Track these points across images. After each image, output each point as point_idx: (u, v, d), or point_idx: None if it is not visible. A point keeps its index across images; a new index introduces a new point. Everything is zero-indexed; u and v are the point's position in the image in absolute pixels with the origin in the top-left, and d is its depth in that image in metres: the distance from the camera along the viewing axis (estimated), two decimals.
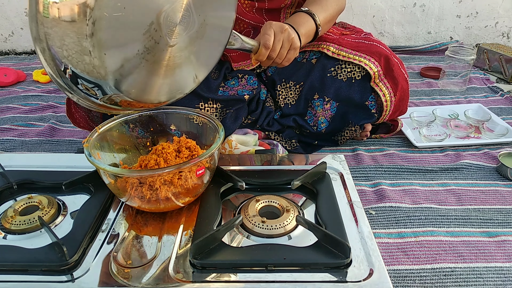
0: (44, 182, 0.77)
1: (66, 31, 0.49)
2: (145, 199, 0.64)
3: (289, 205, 0.67)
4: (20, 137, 1.15)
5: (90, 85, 0.56)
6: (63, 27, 0.49)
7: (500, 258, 0.72)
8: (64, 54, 0.51)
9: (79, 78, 0.55)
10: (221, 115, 0.98)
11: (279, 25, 0.82)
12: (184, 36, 0.61)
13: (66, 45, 0.50)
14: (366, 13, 1.90)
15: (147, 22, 0.55)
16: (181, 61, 0.63)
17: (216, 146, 0.66)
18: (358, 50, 0.98)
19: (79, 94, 0.59)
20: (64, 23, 0.48)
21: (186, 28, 0.61)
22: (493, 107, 1.32)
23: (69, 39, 0.50)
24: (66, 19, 0.48)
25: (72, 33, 0.49)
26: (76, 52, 0.51)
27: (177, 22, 0.58)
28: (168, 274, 0.56)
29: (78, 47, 0.50)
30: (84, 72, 0.54)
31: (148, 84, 0.60)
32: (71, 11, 0.48)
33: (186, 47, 0.63)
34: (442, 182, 0.94)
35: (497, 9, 1.88)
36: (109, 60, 0.52)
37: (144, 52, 0.56)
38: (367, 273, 0.56)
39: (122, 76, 0.55)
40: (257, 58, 0.82)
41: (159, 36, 0.57)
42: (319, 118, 1.03)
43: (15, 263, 0.58)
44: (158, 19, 0.56)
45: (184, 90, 0.68)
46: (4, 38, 1.95)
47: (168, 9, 0.56)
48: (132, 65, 0.56)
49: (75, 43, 0.50)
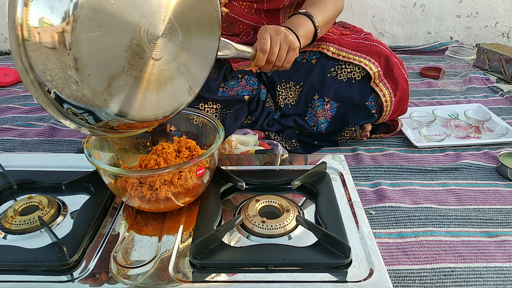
0: (44, 182, 0.77)
1: (46, 55, 0.48)
2: (145, 199, 0.64)
3: (289, 205, 0.67)
4: (20, 137, 1.15)
5: (80, 111, 0.55)
6: (44, 51, 0.48)
7: (500, 258, 0.72)
8: (48, 78, 0.50)
9: (66, 103, 0.53)
10: (221, 116, 0.98)
11: (274, 28, 0.81)
12: (170, 48, 0.60)
13: (48, 70, 0.50)
14: (366, 13, 1.90)
15: (127, 39, 0.53)
16: (171, 74, 0.62)
17: (216, 146, 0.66)
18: (358, 50, 0.98)
19: (76, 121, 0.58)
20: (44, 48, 0.48)
21: (170, 40, 0.59)
22: (493, 107, 1.32)
23: (50, 63, 0.49)
24: (46, 45, 0.48)
25: (53, 55, 0.48)
26: (60, 78, 0.50)
27: (159, 35, 0.57)
28: (168, 274, 0.56)
29: (62, 72, 0.49)
30: (71, 98, 0.52)
31: (142, 101, 0.59)
32: (50, 36, 0.47)
33: (174, 59, 0.61)
34: (442, 182, 0.94)
35: (497, 9, 1.88)
36: (94, 80, 0.51)
37: (130, 68, 0.55)
38: (367, 273, 0.56)
39: (111, 95, 0.54)
40: (256, 64, 0.82)
41: (142, 51, 0.56)
42: (319, 118, 1.03)
43: (15, 263, 0.58)
44: (138, 34, 0.54)
45: (180, 103, 0.67)
46: (4, 38, 1.95)
47: (146, 23, 0.55)
48: (119, 83, 0.54)
49: (56, 65, 0.49)
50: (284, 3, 1.00)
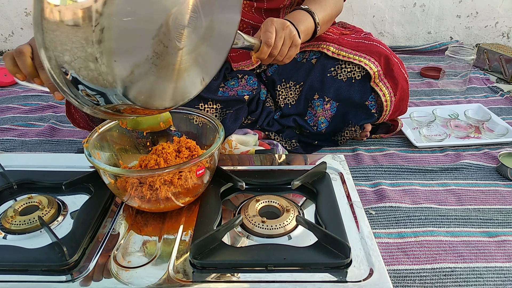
0: (44, 182, 0.77)
1: (69, 36, 0.47)
2: (145, 199, 0.64)
3: (289, 205, 0.67)
4: (20, 137, 1.15)
5: (92, 92, 0.53)
6: (66, 32, 0.46)
7: (500, 258, 0.72)
8: (66, 59, 0.50)
9: (80, 84, 0.52)
10: (221, 116, 0.98)
11: (281, 22, 0.80)
12: (193, 38, 0.59)
13: (69, 51, 0.48)
14: (366, 13, 1.90)
15: (156, 26, 0.53)
16: (189, 64, 0.61)
17: (216, 146, 0.66)
18: (358, 50, 0.98)
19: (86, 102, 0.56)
20: (67, 28, 0.46)
21: (194, 30, 0.59)
22: (493, 107, 1.32)
23: (72, 44, 0.47)
24: (69, 23, 0.46)
25: (77, 39, 0.47)
26: (79, 58, 0.49)
27: (185, 24, 0.57)
28: (168, 274, 0.56)
29: (82, 53, 0.48)
30: (87, 79, 0.51)
31: (157, 89, 0.59)
32: (75, 15, 0.45)
33: (194, 50, 0.61)
34: (442, 182, 0.94)
35: (497, 9, 1.88)
36: (119, 67, 0.50)
37: (154, 57, 0.54)
38: (367, 273, 0.56)
39: (131, 83, 0.53)
40: (259, 56, 0.80)
41: (168, 40, 0.55)
42: (319, 118, 1.03)
43: (15, 263, 0.58)
44: (167, 22, 0.54)
45: (191, 93, 0.66)
46: (4, 38, 1.95)
47: (176, 11, 0.54)
48: (141, 71, 0.54)
49: (79, 49, 0.48)
50: (284, 3, 1.00)
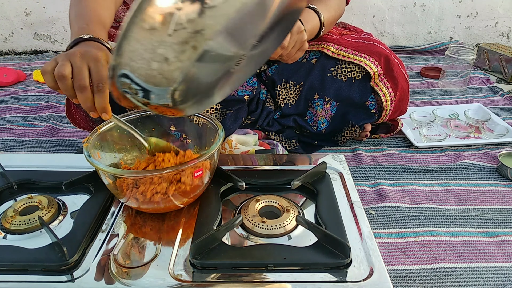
0: (44, 182, 0.77)
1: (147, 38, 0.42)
2: (144, 199, 0.64)
3: (289, 205, 0.67)
4: (20, 137, 1.15)
5: (138, 88, 0.49)
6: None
7: (500, 258, 0.72)
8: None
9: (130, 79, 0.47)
10: (221, 116, 0.98)
11: (297, 25, 0.80)
12: (246, 61, 0.55)
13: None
14: (366, 13, 1.90)
15: (234, 52, 0.47)
16: (231, 80, 0.58)
17: (216, 146, 0.66)
18: (358, 50, 0.98)
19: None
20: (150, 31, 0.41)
21: (251, 55, 0.55)
22: (493, 107, 1.32)
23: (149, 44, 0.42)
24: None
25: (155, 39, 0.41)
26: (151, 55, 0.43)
27: (247, 52, 0.53)
28: (168, 274, 0.56)
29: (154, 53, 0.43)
30: (141, 77, 0.46)
31: (204, 101, 0.56)
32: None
33: (249, 63, 0.57)
34: (442, 182, 0.94)
35: (497, 9, 1.88)
36: (191, 96, 0.48)
37: (221, 77, 0.51)
38: (367, 273, 0.56)
39: (195, 103, 0.52)
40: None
41: (238, 60, 0.52)
42: (319, 118, 1.03)
43: (15, 263, 0.58)
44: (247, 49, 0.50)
45: (215, 102, 0.62)
46: (4, 38, 1.95)
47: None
48: (205, 91, 0.52)
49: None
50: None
